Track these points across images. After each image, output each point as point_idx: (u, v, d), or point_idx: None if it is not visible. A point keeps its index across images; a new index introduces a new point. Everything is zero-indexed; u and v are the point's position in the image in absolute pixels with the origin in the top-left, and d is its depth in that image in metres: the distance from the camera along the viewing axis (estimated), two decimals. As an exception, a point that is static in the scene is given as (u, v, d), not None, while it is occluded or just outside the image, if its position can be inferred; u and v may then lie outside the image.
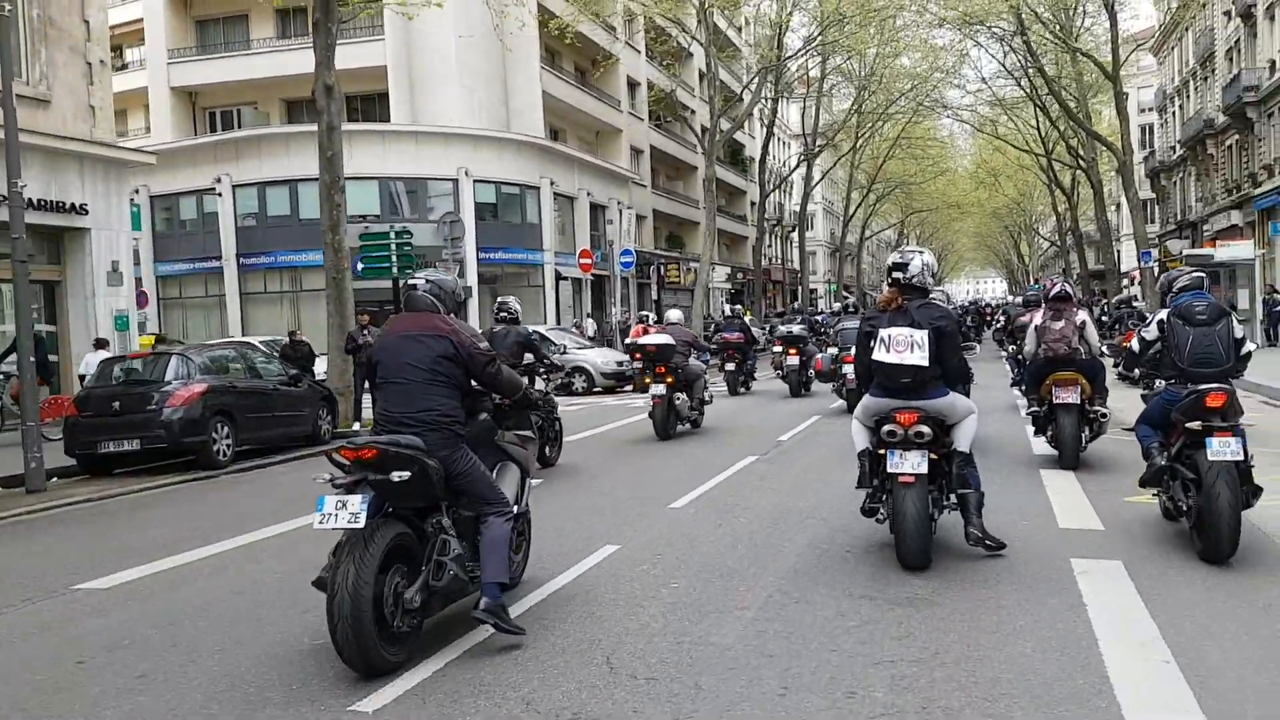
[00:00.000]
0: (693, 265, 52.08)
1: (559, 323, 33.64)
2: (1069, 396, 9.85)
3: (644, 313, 22.88)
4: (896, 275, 6.46)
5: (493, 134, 34.69)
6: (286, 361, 17.16)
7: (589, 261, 27.67)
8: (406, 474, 4.73)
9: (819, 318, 26.68)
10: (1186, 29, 52.21)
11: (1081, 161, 44.55)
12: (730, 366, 20.46)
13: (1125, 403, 11.79)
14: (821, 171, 56.91)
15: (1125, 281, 48.62)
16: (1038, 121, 50.78)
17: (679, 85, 40.11)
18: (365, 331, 16.23)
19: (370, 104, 35.33)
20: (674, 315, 15.97)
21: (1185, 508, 6.53)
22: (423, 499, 4.97)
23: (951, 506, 6.69)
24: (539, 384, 10.94)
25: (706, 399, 14.72)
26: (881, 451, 6.38)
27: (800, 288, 57.85)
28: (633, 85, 45.10)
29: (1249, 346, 7.00)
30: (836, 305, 39.82)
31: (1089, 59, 35.40)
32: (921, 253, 6.66)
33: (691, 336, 14.85)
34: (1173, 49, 56.89)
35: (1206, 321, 6.70)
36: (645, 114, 47.15)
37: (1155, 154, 62.02)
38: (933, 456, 6.30)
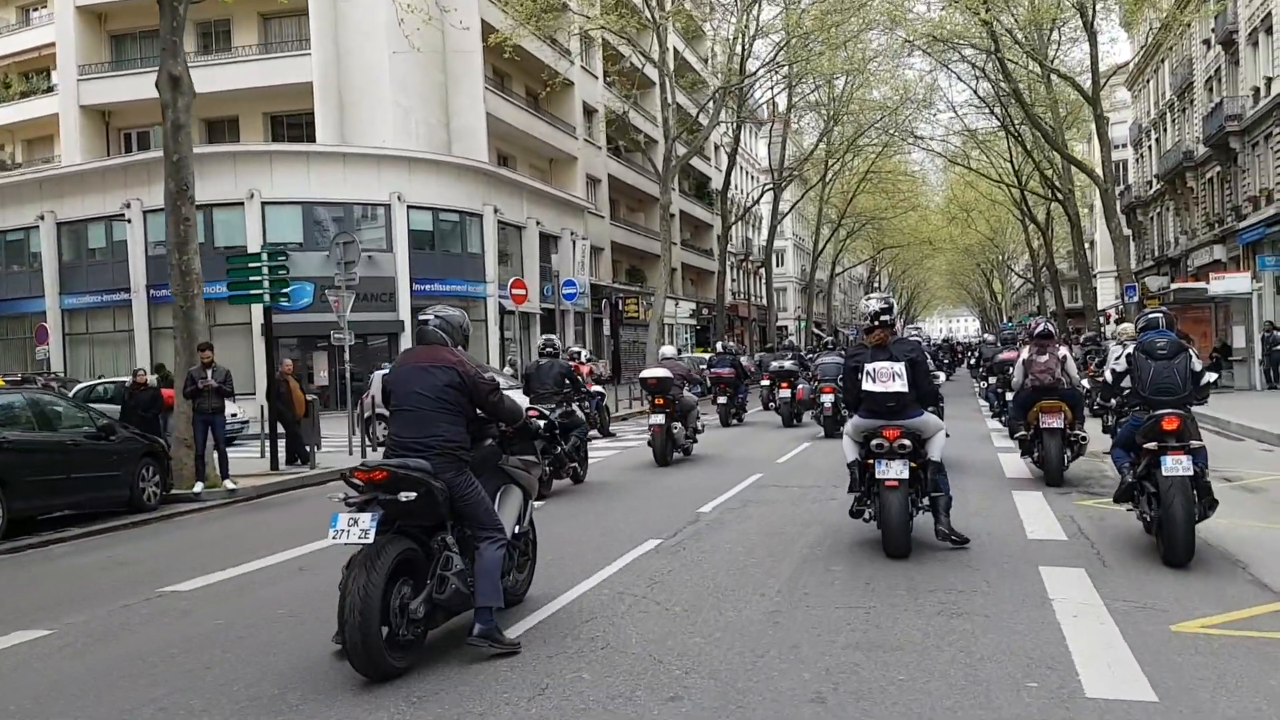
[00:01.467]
0: (651, 301, 49.41)
1: (503, 359, 30.65)
2: (1054, 422, 10.89)
3: (575, 349, 20.09)
4: (884, 318, 7.58)
5: (429, 156, 31.87)
6: (126, 409, 14.15)
7: (523, 293, 24.78)
8: (413, 494, 5.06)
9: (806, 355, 26.64)
10: (1163, 60, 50.31)
11: (1058, 193, 42.15)
12: (723, 400, 21.44)
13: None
14: (789, 204, 54.45)
15: (1103, 319, 46.30)
16: (1011, 154, 48.59)
17: (633, 108, 37.49)
18: (208, 371, 13.20)
19: (297, 124, 32.44)
20: (668, 351, 17.33)
21: (1149, 518, 7.37)
22: (429, 518, 5.25)
23: (924, 508, 7.73)
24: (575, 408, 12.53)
25: (699, 428, 15.55)
26: (870, 461, 7.49)
27: (768, 324, 55.11)
28: (589, 111, 42.48)
29: (1209, 377, 7.79)
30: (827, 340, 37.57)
31: (1067, 80, 33.09)
32: (879, 297, 7.81)
33: (685, 370, 15.69)
34: (1148, 82, 55.11)
35: (1167, 355, 7.49)
36: (603, 142, 44.49)
37: (1131, 189, 60.00)
38: (912, 465, 7.42)
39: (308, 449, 15.94)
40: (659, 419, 14.21)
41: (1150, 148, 55.79)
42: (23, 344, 32.17)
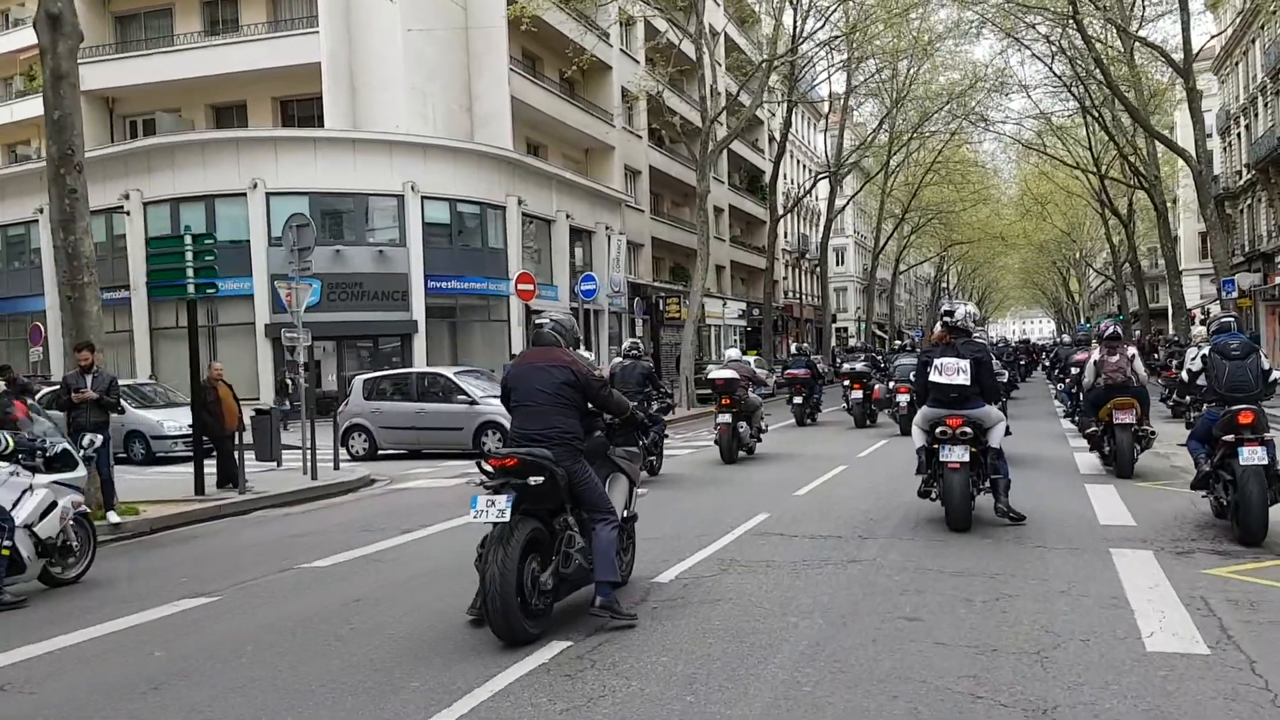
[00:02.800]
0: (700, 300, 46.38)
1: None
2: (1126, 417, 11.52)
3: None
4: (946, 320, 8.77)
5: (447, 143, 29.28)
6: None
7: (529, 288, 22.03)
8: (540, 479, 5.61)
9: (877, 356, 26.73)
10: (1253, 40, 45.99)
11: (1143, 180, 38.27)
12: (798, 400, 21.65)
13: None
14: (847, 197, 51.10)
15: (1191, 319, 42.23)
16: (1089, 139, 44.70)
17: (670, 89, 34.47)
18: (88, 377, 10.61)
19: (308, 109, 30.06)
20: (733, 353, 17.53)
21: (1225, 503, 8.02)
22: (552, 501, 5.76)
23: (985, 489, 8.63)
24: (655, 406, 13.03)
25: (764, 428, 15.91)
26: (935, 446, 8.39)
27: (823, 325, 51.75)
28: (629, 98, 39.59)
29: (1276, 375, 8.38)
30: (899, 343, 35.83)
31: (1155, 50, 29.41)
32: (965, 304, 9.05)
33: (750, 371, 16.02)
34: (1236, 64, 50.67)
35: (1239, 356, 8.15)
36: (644, 130, 41.60)
37: (1219, 181, 55.44)
38: (973, 450, 8.32)
39: (271, 464, 13.28)
40: (726, 418, 14.64)
41: (1239, 135, 51.35)
42: (24, 345, 30.29)
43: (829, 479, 12.45)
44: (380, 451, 18.14)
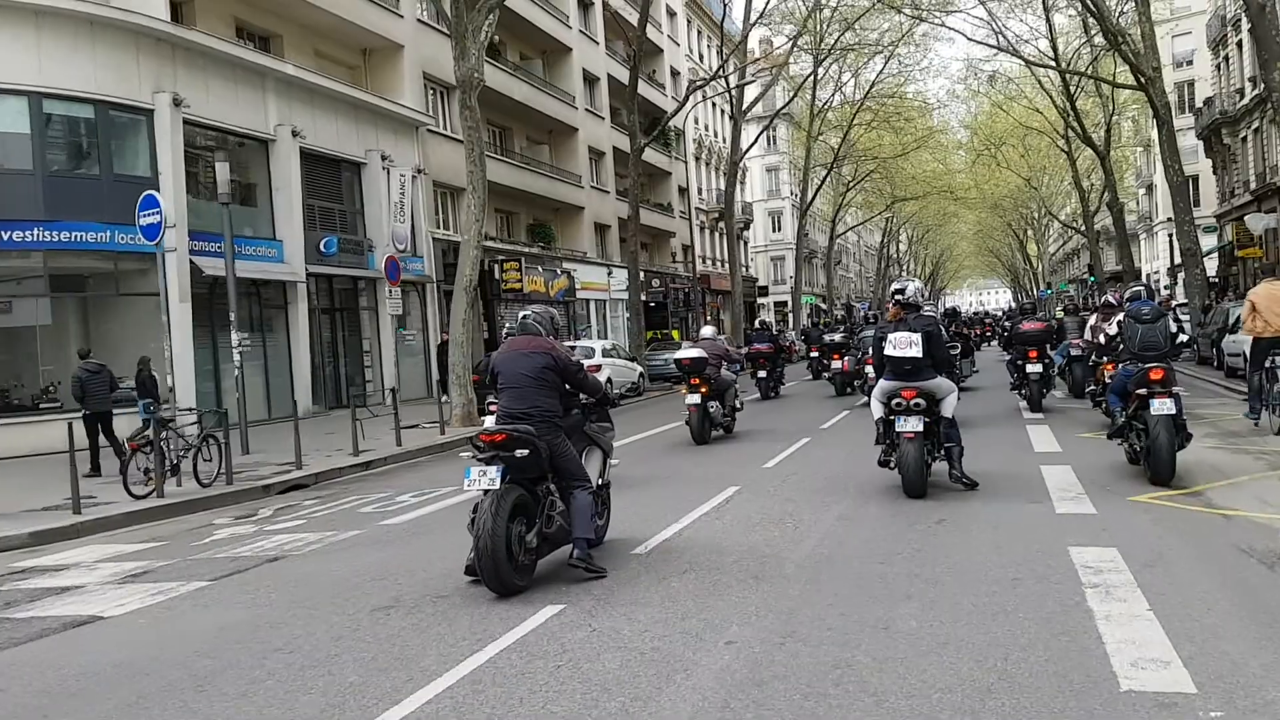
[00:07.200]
0: (564, 268, 33.81)
1: (171, 370, 15.05)
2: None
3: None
4: (897, 297, 8.69)
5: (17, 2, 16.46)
6: None
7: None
8: (525, 451, 5.98)
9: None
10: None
11: (1140, 74, 25.77)
12: (762, 374, 20.81)
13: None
14: (759, 130, 38.56)
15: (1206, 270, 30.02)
16: (1050, 32, 32.38)
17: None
18: None
19: None
20: (707, 331, 16.31)
21: (1138, 449, 8.51)
22: (534, 471, 6.15)
23: (940, 457, 8.64)
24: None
25: (738, 406, 14.99)
26: (892, 417, 8.37)
27: (733, 295, 39.18)
28: (433, -14, 26.75)
29: (1183, 337, 8.99)
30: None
31: None
32: (913, 280, 9.68)
33: (723, 350, 14.99)
34: (1233, -42, 38.21)
35: (1150, 320, 8.70)
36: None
37: (1211, 106, 43.23)
38: (927, 420, 8.31)
39: None
40: (694, 399, 13.69)
41: (1239, 44, 39.08)
42: None
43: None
44: None
